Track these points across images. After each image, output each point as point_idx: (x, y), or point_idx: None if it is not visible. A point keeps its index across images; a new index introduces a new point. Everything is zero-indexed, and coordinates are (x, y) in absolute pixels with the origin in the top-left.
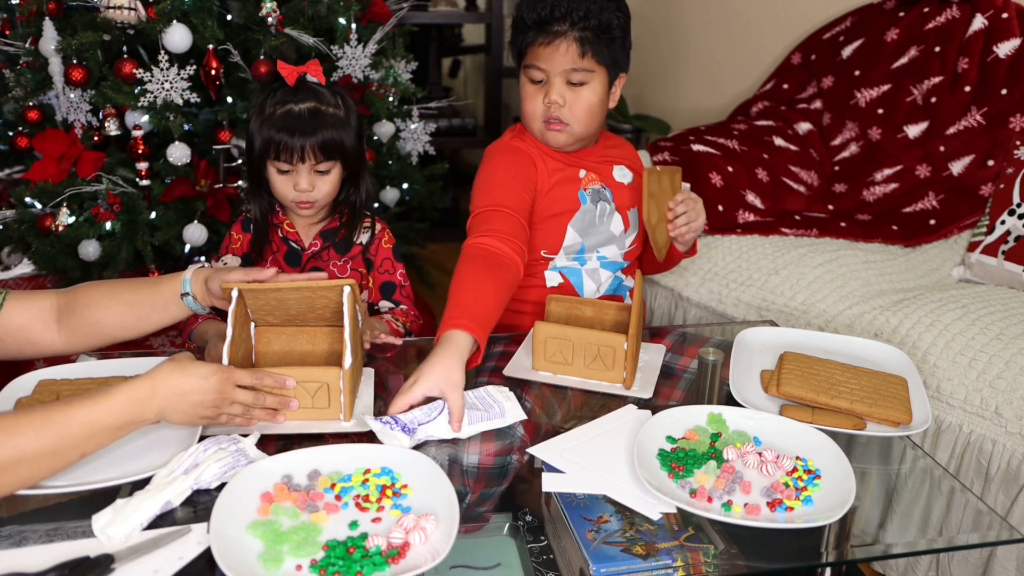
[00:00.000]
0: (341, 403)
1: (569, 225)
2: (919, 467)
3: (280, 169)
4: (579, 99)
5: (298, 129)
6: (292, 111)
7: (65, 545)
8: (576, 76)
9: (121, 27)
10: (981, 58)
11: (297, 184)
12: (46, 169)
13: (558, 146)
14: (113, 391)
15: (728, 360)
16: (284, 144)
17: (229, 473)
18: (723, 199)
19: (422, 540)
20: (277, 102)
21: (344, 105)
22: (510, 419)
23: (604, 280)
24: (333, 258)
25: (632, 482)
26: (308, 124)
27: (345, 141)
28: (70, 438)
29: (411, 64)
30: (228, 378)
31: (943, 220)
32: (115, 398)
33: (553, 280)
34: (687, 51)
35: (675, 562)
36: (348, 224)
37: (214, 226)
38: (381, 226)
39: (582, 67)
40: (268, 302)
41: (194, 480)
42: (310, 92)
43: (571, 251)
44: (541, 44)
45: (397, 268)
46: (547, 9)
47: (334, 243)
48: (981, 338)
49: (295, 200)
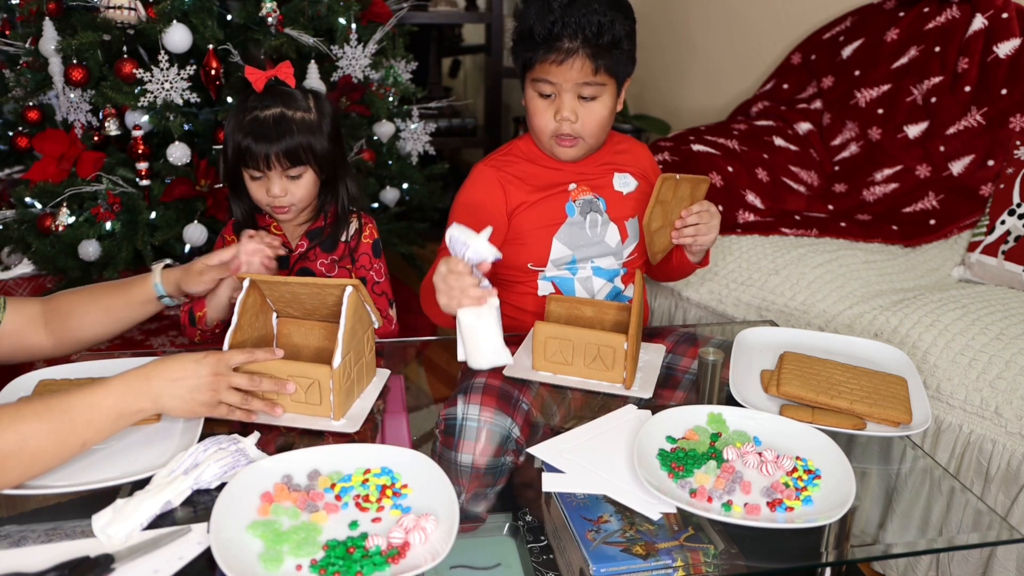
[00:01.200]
0: (331, 402)
1: (555, 238)
2: (919, 467)
3: (252, 176)
4: (591, 113)
5: (263, 136)
6: (258, 118)
7: (65, 545)
8: (588, 91)
9: (121, 27)
10: (981, 58)
11: (269, 190)
12: (46, 169)
13: (568, 159)
14: (110, 380)
15: (728, 360)
16: (251, 151)
17: (229, 473)
18: (723, 199)
19: (422, 540)
20: (247, 108)
21: (317, 108)
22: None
23: (599, 288)
24: (320, 257)
25: (632, 482)
26: (273, 131)
27: (315, 145)
28: (70, 423)
29: (411, 64)
30: (221, 358)
31: (943, 220)
32: (112, 384)
33: (545, 289)
34: (687, 51)
35: (675, 562)
36: (333, 224)
37: (214, 226)
38: (365, 220)
39: (594, 82)
40: (283, 295)
41: (194, 480)
42: (278, 97)
43: (561, 263)
44: (552, 61)
45: (374, 263)
46: (557, 25)
47: (320, 243)
48: (981, 338)
49: (270, 205)
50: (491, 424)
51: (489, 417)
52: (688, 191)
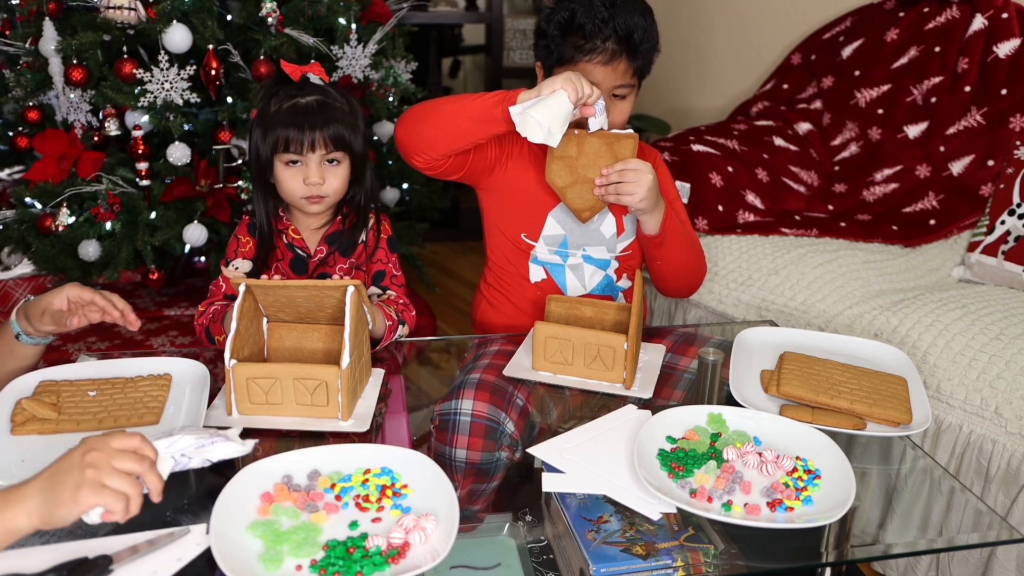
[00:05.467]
0: (339, 402)
1: (550, 215)
2: (919, 467)
3: (290, 161)
4: (621, 111)
5: (307, 120)
6: (300, 103)
7: (63, 546)
8: (621, 91)
9: (121, 27)
10: (981, 58)
11: (307, 177)
12: (46, 169)
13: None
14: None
15: (728, 360)
16: (293, 135)
17: (207, 446)
18: (723, 199)
19: (422, 540)
20: (282, 99)
21: (350, 105)
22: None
23: (589, 276)
24: (339, 262)
25: (632, 482)
26: (317, 115)
27: (354, 136)
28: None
29: (411, 64)
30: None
31: (943, 220)
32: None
33: (537, 275)
34: (687, 51)
35: (675, 562)
36: (353, 226)
37: (214, 226)
38: (382, 217)
39: (628, 83)
40: (278, 299)
41: (167, 447)
42: (316, 88)
43: (552, 242)
44: (598, 62)
45: (391, 258)
46: (609, 26)
47: (339, 247)
48: (981, 338)
49: (305, 196)
50: (483, 419)
51: (482, 412)
52: (603, 147)
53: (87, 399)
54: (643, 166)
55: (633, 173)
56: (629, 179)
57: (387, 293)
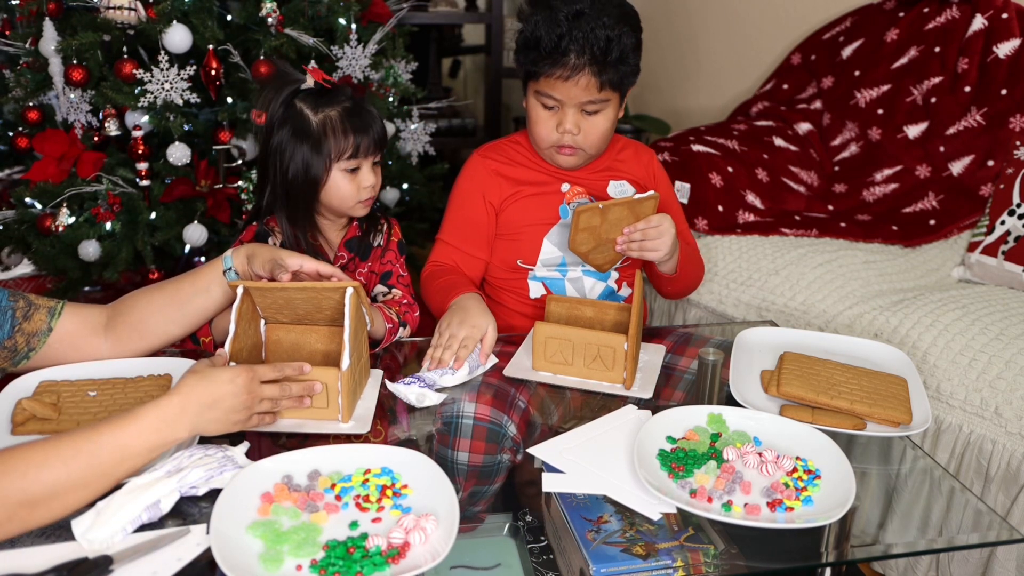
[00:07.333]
0: (339, 404)
1: (545, 238)
2: (919, 467)
3: (350, 168)
4: (594, 127)
5: (361, 125)
6: (348, 108)
7: (63, 546)
8: (592, 107)
9: (121, 27)
10: (981, 58)
11: (364, 182)
12: (46, 169)
13: (568, 167)
14: (141, 413)
15: (728, 360)
16: (360, 142)
17: (216, 477)
18: (723, 199)
19: (422, 540)
20: (319, 107)
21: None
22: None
23: (590, 289)
24: (359, 267)
25: (632, 482)
26: (369, 119)
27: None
28: (100, 467)
29: (411, 64)
30: (253, 376)
31: (943, 220)
32: (144, 420)
33: (536, 290)
34: (687, 51)
35: (675, 562)
36: (369, 228)
37: (214, 226)
38: (392, 222)
39: (599, 99)
40: (275, 300)
41: (177, 483)
42: (345, 92)
43: (550, 264)
44: (558, 77)
45: (399, 259)
46: (565, 40)
47: (358, 251)
48: (981, 338)
49: (360, 200)
50: (486, 422)
51: (485, 415)
52: (626, 212)
53: (87, 399)
54: (664, 221)
55: (655, 231)
56: (652, 236)
57: (392, 292)
